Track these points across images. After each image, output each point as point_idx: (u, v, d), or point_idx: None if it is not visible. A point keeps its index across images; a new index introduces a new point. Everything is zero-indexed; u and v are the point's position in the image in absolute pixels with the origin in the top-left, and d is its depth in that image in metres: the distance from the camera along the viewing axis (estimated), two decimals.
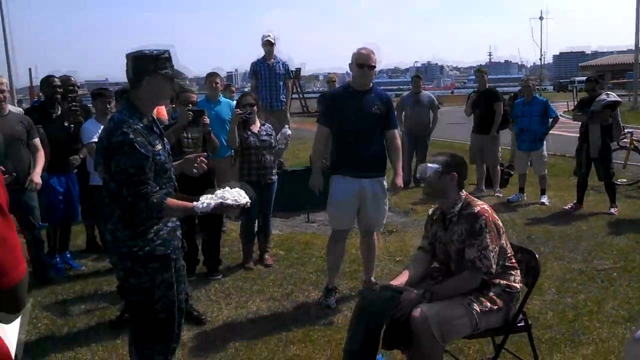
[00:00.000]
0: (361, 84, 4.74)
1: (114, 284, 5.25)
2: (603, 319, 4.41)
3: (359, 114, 4.66)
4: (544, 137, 8.55)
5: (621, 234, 6.71)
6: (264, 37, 8.54)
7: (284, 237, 6.93)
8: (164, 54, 2.88)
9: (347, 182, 4.73)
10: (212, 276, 5.52)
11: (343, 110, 4.71)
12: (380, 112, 4.73)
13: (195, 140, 5.26)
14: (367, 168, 4.72)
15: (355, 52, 4.74)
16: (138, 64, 2.85)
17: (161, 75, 2.86)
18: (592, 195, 8.65)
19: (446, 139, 17.41)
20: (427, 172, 3.34)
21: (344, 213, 4.81)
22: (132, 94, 2.93)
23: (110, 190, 2.88)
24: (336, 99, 4.90)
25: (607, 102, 7.62)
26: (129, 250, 2.88)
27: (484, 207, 3.25)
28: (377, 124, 4.75)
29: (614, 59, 71.16)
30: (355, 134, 4.68)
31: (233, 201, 2.89)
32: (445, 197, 3.37)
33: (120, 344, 4.14)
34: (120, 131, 2.77)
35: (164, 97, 3.02)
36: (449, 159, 3.40)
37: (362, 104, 4.69)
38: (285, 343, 4.13)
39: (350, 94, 4.77)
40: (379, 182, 4.83)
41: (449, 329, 3.06)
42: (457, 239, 3.26)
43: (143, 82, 2.85)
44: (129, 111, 2.86)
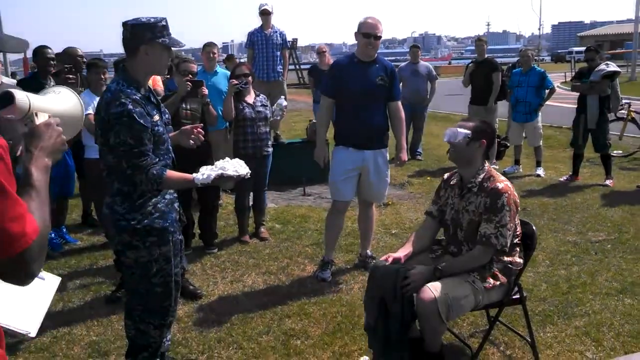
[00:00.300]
0: (366, 54, 4.68)
1: (110, 258, 5.26)
2: (596, 291, 4.43)
3: (363, 85, 4.61)
4: (539, 108, 8.51)
5: (615, 205, 6.72)
6: (260, 6, 8.41)
7: (279, 210, 6.92)
8: (161, 21, 2.82)
9: (349, 153, 4.71)
10: (208, 250, 5.52)
11: (347, 81, 4.65)
12: (384, 83, 4.68)
13: (193, 111, 5.21)
14: (370, 139, 4.71)
15: (362, 21, 4.67)
16: (135, 32, 2.79)
17: (158, 44, 2.81)
18: (587, 167, 8.66)
19: (443, 110, 17.37)
20: (457, 136, 3.25)
21: (345, 184, 4.78)
22: (128, 63, 2.88)
23: (108, 163, 2.85)
24: (341, 69, 4.79)
25: (606, 72, 7.56)
26: (127, 223, 2.86)
27: (507, 185, 3.19)
28: (381, 95, 4.71)
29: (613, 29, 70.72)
30: (358, 105, 4.64)
31: (234, 172, 2.87)
32: (470, 165, 3.30)
33: (115, 319, 4.16)
34: (118, 102, 2.72)
35: (161, 66, 2.95)
36: (480, 125, 3.33)
37: (367, 74, 4.63)
38: (281, 317, 4.15)
39: (355, 64, 4.71)
40: (382, 154, 4.81)
41: (456, 308, 3.05)
42: (472, 210, 3.22)
43: (140, 51, 2.80)
44: (126, 81, 2.82)
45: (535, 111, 8.46)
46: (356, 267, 5.06)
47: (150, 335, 3.09)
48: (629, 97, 13.49)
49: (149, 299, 3.03)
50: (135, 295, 3.07)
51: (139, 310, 3.07)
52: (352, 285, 4.67)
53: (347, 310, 4.20)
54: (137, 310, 3.07)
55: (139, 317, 3.08)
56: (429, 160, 9.94)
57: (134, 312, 3.09)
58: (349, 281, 4.76)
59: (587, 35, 71.32)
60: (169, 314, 3.15)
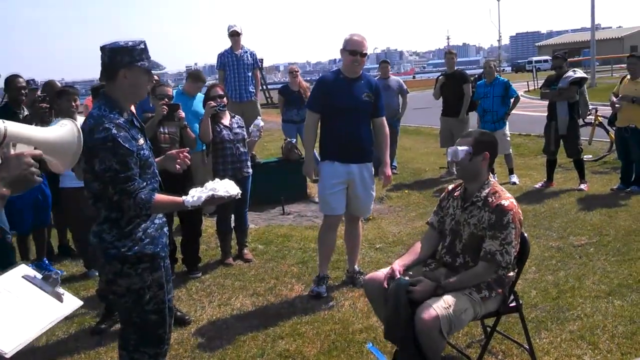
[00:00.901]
0: (352, 71, 4.73)
1: (91, 288, 5.12)
2: (585, 294, 4.46)
3: (349, 101, 4.67)
4: (506, 117, 8.65)
5: (593, 209, 6.82)
6: (229, 27, 8.38)
7: (260, 230, 6.84)
8: (139, 45, 2.76)
9: (336, 167, 4.75)
10: (191, 274, 5.41)
11: (333, 97, 4.70)
12: (370, 100, 4.74)
13: (172, 135, 5.13)
14: (356, 153, 4.75)
15: (348, 38, 4.71)
16: (114, 55, 2.72)
17: (138, 67, 2.74)
18: (560, 173, 8.80)
19: (413, 124, 17.54)
20: (459, 155, 3.23)
21: (335, 198, 4.78)
22: (108, 88, 2.80)
23: (93, 190, 2.76)
24: (327, 85, 4.84)
25: (573, 78, 7.72)
26: (117, 251, 2.77)
27: (513, 202, 3.18)
28: (366, 111, 4.78)
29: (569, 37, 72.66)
30: (344, 120, 4.68)
31: (225, 192, 2.82)
32: (476, 179, 3.28)
33: (103, 351, 4.03)
34: (101, 127, 2.64)
35: (141, 90, 2.86)
36: (480, 138, 3.30)
37: (353, 90, 4.69)
38: (274, 338, 4.07)
39: (341, 80, 4.75)
40: (367, 168, 4.84)
41: (457, 323, 3.02)
42: (475, 224, 3.20)
43: (119, 75, 2.73)
44: (108, 106, 2.74)
45: (502, 119, 8.58)
46: (344, 283, 5.02)
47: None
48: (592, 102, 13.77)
49: (143, 328, 2.93)
50: (129, 325, 2.96)
51: (133, 339, 2.96)
52: (343, 302, 4.62)
53: (341, 328, 4.14)
54: (131, 339, 2.97)
55: (133, 347, 2.97)
56: (404, 174, 9.98)
57: (128, 342, 2.98)
58: (338, 298, 4.70)
59: (545, 44, 73.26)
60: (164, 342, 3.05)
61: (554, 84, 7.92)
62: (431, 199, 7.77)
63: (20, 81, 5.53)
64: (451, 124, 9.18)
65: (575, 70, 7.94)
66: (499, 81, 8.67)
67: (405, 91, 10.19)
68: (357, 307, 4.48)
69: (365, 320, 4.21)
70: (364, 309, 4.35)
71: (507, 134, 8.78)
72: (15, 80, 5.51)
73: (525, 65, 55.85)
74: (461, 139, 3.36)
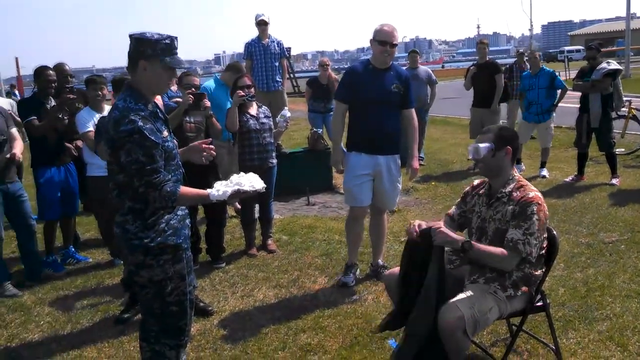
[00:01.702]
0: (382, 61, 4.68)
1: (117, 276, 5.17)
2: (615, 294, 4.35)
3: (378, 92, 4.64)
4: (553, 108, 8.44)
5: (625, 204, 6.65)
6: (257, 16, 8.32)
7: (285, 221, 6.82)
8: (165, 39, 2.73)
9: (362, 159, 4.72)
10: (215, 265, 5.42)
11: (362, 87, 4.67)
12: (399, 91, 4.70)
13: (197, 124, 5.14)
14: (383, 145, 4.72)
15: (378, 28, 4.67)
16: (137, 45, 2.72)
17: (157, 62, 2.73)
18: (591, 167, 8.61)
19: (441, 114, 17.34)
20: (481, 152, 3.16)
21: (361, 189, 4.76)
22: (132, 78, 2.81)
23: (118, 182, 2.79)
24: (356, 75, 4.78)
25: (607, 70, 7.52)
26: (140, 242, 2.78)
27: (538, 195, 3.10)
28: (395, 103, 4.73)
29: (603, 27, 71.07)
30: (372, 111, 4.66)
31: (250, 187, 2.83)
32: (499, 175, 3.20)
33: (126, 340, 4.06)
34: (127, 119, 2.64)
35: (160, 85, 2.84)
36: (500, 133, 3.21)
37: (382, 81, 4.65)
38: (296, 331, 4.05)
39: (370, 71, 4.71)
40: (394, 160, 4.81)
41: (482, 322, 2.95)
42: (499, 219, 3.12)
43: (139, 66, 2.73)
44: (133, 97, 2.73)
45: (547, 112, 8.39)
46: (368, 277, 4.97)
47: (166, 357, 3.00)
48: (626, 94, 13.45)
49: (164, 319, 2.95)
50: (150, 316, 2.98)
51: (154, 331, 2.98)
52: (366, 296, 4.58)
53: (363, 322, 4.10)
54: (153, 331, 2.99)
55: (154, 338, 2.99)
56: (432, 165, 9.87)
57: (149, 333, 3.00)
58: (362, 292, 4.66)
59: (577, 34, 71.82)
60: (185, 334, 3.06)
61: (587, 75, 7.73)
62: (458, 192, 7.60)
63: (50, 73, 5.56)
64: (482, 115, 9.01)
65: (610, 62, 7.73)
66: (544, 72, 8.45)
67: (434, 81, 10.06)
68: (381, 301, 4.43)
69: None
70: (387, 303, 4.30)
71: (551, 127, 8.60)
72: (45, 72, 5.54)
73: (557, 55, 54.80)
74: (481, 136, 3.27)
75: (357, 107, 4.71)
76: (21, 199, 5.14)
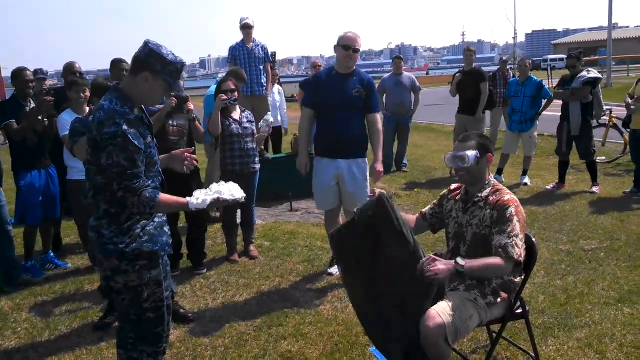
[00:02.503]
0: (345, 66, 4.83)
1: (96, 282, 5.11)
2: (594, 301, 4.38)
3: (340, 96, 4.79)
4: (536, 117, 8.48)
5: (605, 213, 6.72)
6: (242, 20, 8.30)
7: (267, 227, 6.80)
8: (177, 64, 2.75)
9: (325, 163, 4.94)
10: (196, 271, 5.38)
11: (325, 92, 4.85)
12: (360, 95, 4.82)
13: (180, 127, 5.11)
14: (344, 149, 4.86)
15: (342, 35, 4.83)
16: (149, 56, 2.70)
17: (162, 80, 2.73)
18: (572, 174, 8.69)
19: (425, 121, 17.42)
20: (469, 160, 3.14)
21: (325, 194, 5.01)
22: (126, 82, 2.79)
23: (95, 183, 2.75)
24: (320, 81, 4.98)
25: (586, 79, 7.60)
26: (115, 247, 2.75)
27: (514, 198, 3.12)
28: (358, 107, 4.85)
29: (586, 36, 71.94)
30: (335, 116, 4.82)
31: (230, 196, 2.82)
32: (480, 182, 3.21)
33: (105, 347, 4.01)
34: (112, 121, 2.62)
35: (153, 99, 2.88)
36: (481, 141, 3.22)
37: (344, 86, 4.80)
38: (276, 338, 4.03)
39: (333, 76, 4.89)
40: (357, 164, 4.93)
41: (463, 330, 2.95)
42: (477, 224, 3.13)
43: (142, 75, 2.71)
44: (120, 100, 2.72)
45: (530, 120, 8.42)
46: None
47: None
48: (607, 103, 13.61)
49: (141, 326, 2.92)
50: (127, 322, 2.95)
51: (131, 338, 2.95)
52: (347, 303, 4.54)
53: (344, 330, 4.09)
54: (130, 338, 2.95)
55: (131, 345, 2.96)
56: (415, 172, 9.90)
57: (127, 340, 2.96)
58: (343, 299, 4.65)
59: (561, 43, 72.62)
60: (163, 341, 3.02)
61: (568, 84, 7.80)
62: None
63: (27, 74, 5.52)
64: (467, 122, 9.05)
65: (590, 70, 7.82)
66: (531, 81, 8.45)
67: (417, 88, 10.10)
68: None
69: None
70: None
71: (535, 136, 8.62)
72: (22, 73, 5.50)
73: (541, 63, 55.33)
74: (462, 144, 3.25)
75: (322, 112, 4.90)
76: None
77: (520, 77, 8.64)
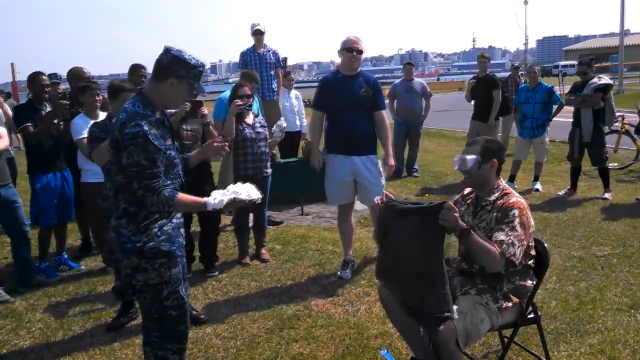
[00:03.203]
0: (349, 68, 5.11)
1: (109, 284, 5.16)
2: (607, 307, 4.37)
3: (348, 97, 5.06)
4: (547, 123, 8.45)
5: (617, 219, 6.69)
6: (253, 26, 8.37)
7: (279, 230, 6.83)
8: (200, 67, 2.86)
9: (338, 159, 5.19)
10: (208, 273, 5.42)
11: (333, 95, 5.13)
12: (367, 95, 5.09)
13: (194, 132, 5.15)
14: (357, 146, 5.14)
15: (344, 39, 5.12)
16: (173, 62, 2.80)
17: (187, 84, 2.84)
18: (584, 181, 8.66)
19: (435, 127, 17.41)
20: (468, 164, 3.18)
21: (338, 188, 5.26)
22: (150, 87, 2.87)
23: (116, 183, 2.84)
24: (327, 84, 5.24)
25: (597, 85, 7.59)
26: (132, 245, 2.83)
27: (520, 201, 3.13)
28: (365, 106, 5.12)
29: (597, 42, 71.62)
30: (344, 115, 5.09)
31: (246, 196, 2.88)
32: (485, 186, 3.23)
33: (118, 347, 4.05)
34: (133, 122, 2.71)
35: (177, 102, 3.00)
36: (487, 145, 3.23)
37: (351, 87, 5.07)
38: (288, 341, 4.05)
39: (339, 79, 5.16)
40: (370, 160, 5.22)
41: (474, 334, 2.96)
42: (484, 227, 3.14)
43: (168, 81, 2.81)
44: (142, 103, 2.81)
45: (541, 126, 8.39)
46: (362, 286, 4.98)
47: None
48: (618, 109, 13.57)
49: (163, 324, 3.00)
50: (150, 321, 3.03)
51: (155, 336, 3.03)
52: (359, 306, 4.58)
53: (355, 333, 4.10)
54: (154, 336, 3.03)
55: (156, 343, 3.04)
56: (425, 177, 9.90)
57: (152, 339, 3.04)
58: (355, 302, 4.66)
59: (572, 49, 72.28)
60: (186, 338, 3.12)
61: (580, 90, 7.78)
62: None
63: (43, 78, 5.60)
64: (479, 129, 9.06)
65: (601, 77, 7.79)
66: (542, 87, 8.42)
67: (428, 94, 10.11)
68: (373, 312, 4.44)
69: (381, 326, 4.16)
70: (380, 314, 4.31)
71: (546, 142, 8.59)
72: (39, 78, 5.57)
73: (552, 69, 55.16)
74: (468, 147, 3.29)
75: (332, 113, 5.19)
76: (15, 204, 5.13)
77: (529, 83, 8.62)
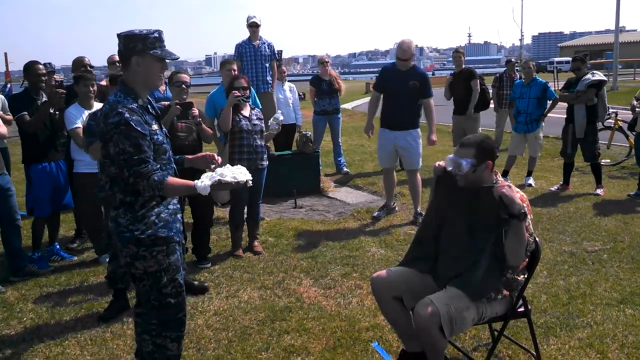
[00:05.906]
0: (401, 66, 6.51)
1: (101, 274, 5.16)
2: (596, 302, 4.40)
3: (399, 86, 6.49)
4: (541, 118, 8.47)
5: (608, 214, 6.73)
6: (249, 18, 8.35)
7: (272, 223, 6.83)
8: (153, 33, 2.84)
9: (385, 133, 6.74)
10: (201, 265, 5.42)
11: (388, 82, 6.68)
12: (414, 86, 6.46)
13: (189, 124, 5.17)
14: (400, 124, 6.63)
15: (399, 43, 6.51)
16: (127, 43, 2.82)
17: (150, 55, 2.83)
18: (577, 176, 8.69)
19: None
20: (463, 168, 3.13)
21: (383, 155, 6.90)
22: (124, 75, 2.90)
23: (110, 174, 2.88)
24: (386, 72, 6.80)
25: (591, 81, 7.61)
26: (130, 234, 2.86)
27: (524, 196, 3.13)
28: (412, 94, 6.50)
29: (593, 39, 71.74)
30: (394, 100, 6.59)
31: (232, 178, 2.88)
32: (480, 185, 3.22)
33: (109, 338, 4.05)
34: (115, 112, 2.75)
35: (153, 78, 2.92)
36: (482, 147, 3.16)
37: (402, 79, 6.48)
38: (279, 332, 4.06)
39: (395, 71, 6.63)
40: (410, 133, 6.65)
41: (459, 322, 2.97)
42: None
43: (132, 62, 2.83)
44: (123, 92, 2.84)
45: (535, 122, 8.40)
46: (354, 279, 4.99)
47: (168, 349, 3.08)
48: (612, 106, 13.59)
49: (162, 311, 3.03)
50: (149, 308, 3.05)
51: (154, 324, 3.05)
52: (350, 299, 4.60)
53: (347, 325, 4.12)
54: (153, 324, 3.05)
55: (155, 331, 3.06)
56: (420, 171, 9.87)
57: (150, 327, 3.06)
58: (346, 295, 4.68)
59: (567, 45, 72.38)
60: (184, 325, 3.15)
61: (574, 86, 7.81)
62: None
63: (39, 67, 5.56)
64: (462, 122, 9.12)
65: (594, 73, 7.81)
66: (536, 82, 8.41)
67: None
68: (365, 304, 4.46)
69: (372, 319, 4.18)
70: (372, 306, 4.33)
71: (540, 137, 8.58)
72: (34, 67, 5.54)
73: (547, 65, 55.20)
74: (461, 149, 3.20)
75: (386, 95, 6.74)
76: (8, 193, 5.11)
77: (525, 78, 8.63)
